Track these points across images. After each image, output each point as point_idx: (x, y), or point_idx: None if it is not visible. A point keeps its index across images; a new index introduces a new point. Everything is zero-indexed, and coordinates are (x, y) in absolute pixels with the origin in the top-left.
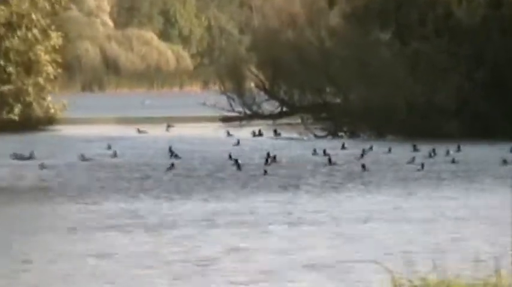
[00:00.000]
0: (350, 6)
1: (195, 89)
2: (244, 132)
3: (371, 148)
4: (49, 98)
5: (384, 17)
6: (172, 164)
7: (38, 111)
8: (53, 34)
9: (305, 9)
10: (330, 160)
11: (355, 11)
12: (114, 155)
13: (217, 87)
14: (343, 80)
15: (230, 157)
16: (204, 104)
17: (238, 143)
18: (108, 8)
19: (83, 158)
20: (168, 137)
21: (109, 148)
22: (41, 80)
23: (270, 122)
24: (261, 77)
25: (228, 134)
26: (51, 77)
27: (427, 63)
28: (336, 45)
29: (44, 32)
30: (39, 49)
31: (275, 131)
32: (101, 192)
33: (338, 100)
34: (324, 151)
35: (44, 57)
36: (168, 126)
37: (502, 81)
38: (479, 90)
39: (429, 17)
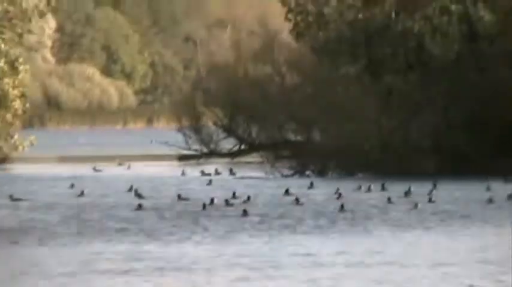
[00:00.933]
0: (318, 39)
1: (139, 126)
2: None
3: (369, 189)
4: (16, 136)
5: (354, 50)
6: (140, 205)
7: (5, 148)
8: (21, 67)
9: (265, 44)
10: (297, 200)
11: (324, 44)
12: (81, 194)
13: (161, 125)
14: (308, 117)
15: (212, 200)
16: (152, 142)
17: (210, 182)
18: (49, 43)
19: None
20: (127, 176)
21: (72, 186)
22: (9, 117)
23: (228, 160)
24: (219, 113)
25: (183, 173)
26: (19, 112)
27: (400, 99)
28: (301, 80)
29: (12, 65)
30: (7, 83)
31: (231, 170)
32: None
33: (299, 138)
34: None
35: (13, 91)
36: (119, 164)
37: (478, 118)
38: (455, 127)
39: (401, 50)
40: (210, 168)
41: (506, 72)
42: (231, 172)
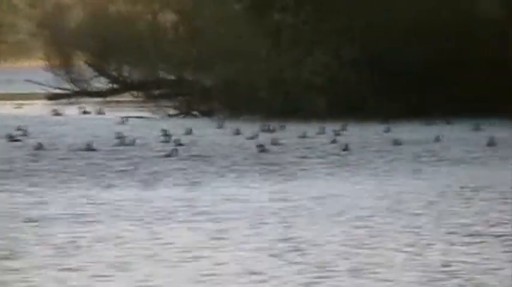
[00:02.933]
0: None
1: None
2: (72, 110)
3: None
4: None
5: None
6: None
7: None
8: None
9: None
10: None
11: None
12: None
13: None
14: (184, 56)
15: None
16: (29, 81)
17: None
18: None
19: None
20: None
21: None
22: None
23: (101, 99)
24: (90, 52)
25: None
26: None
27: (290, 37)
28: (177, 18)
29: None
30: None
31: (99, 109)
32: None
33: (173, 77)
34: None
35: None
36: None
37: (372, 58)
38: (348, 67)
39: None
40: (88, 107)
41: (400, 10)
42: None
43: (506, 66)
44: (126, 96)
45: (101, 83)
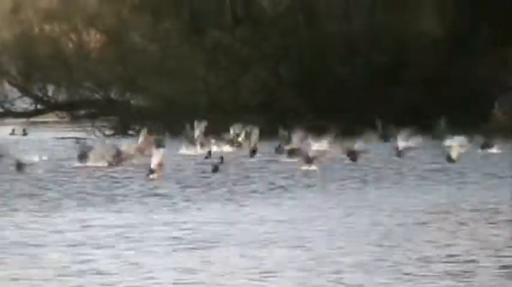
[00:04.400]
0: None
1: None
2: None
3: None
4: None
5: (176, 4)
6: None
7: None
8: None
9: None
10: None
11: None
12: None
13: None
14: (109, 76)
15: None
16: None
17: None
18: None
19: None
20: None
21: None
22: None
23: (24, 120)
24: (13, 72)
25: None
26: None
27: (228, 55)
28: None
29: None
30: None
31: (24, 130)
32: None
33: (98, 97)
34: None
35: None
36: None
37: (308, 76)
38: (285, 85)
39: (227, 4)
40: (17, 128)
41: (335, 26)
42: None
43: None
44: (51, 117)
45: (25, 104)
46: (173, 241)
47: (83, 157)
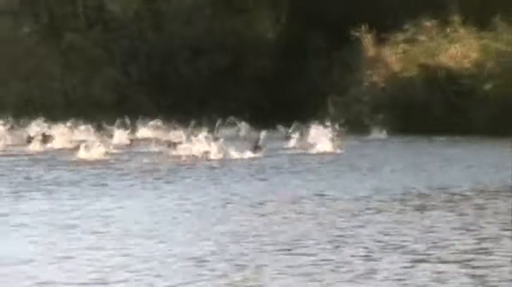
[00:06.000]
0: None
1: None
2: None
3: None
4: None
5: (35, 9)
6: None
7: None
8: None
9: None
10: None
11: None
12: None
13: None
14: None
15: None
16: None
17: None
18: None
19: None
20: None
21: None
22: None
23: None
24: None
25: None
26: None
27: (83, 57)
28: None
29: None
30: None
31: None
32: None
33: None
34: None
35: None
36: None
37: (157, 76)
38: (136, 84)
39: (81, 8)
40: None
41: (180, 30)
42: None
43: (275, 79)
44: None
45: None
46: None
47: None
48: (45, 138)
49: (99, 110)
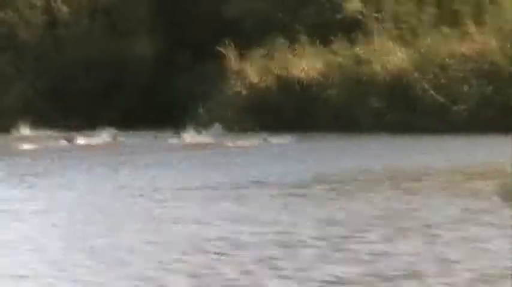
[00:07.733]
0: None
1: None
2: None
3: None
4: None
5: None
6: None
7: None
8: None
9: None
10: None
11: None
12: None
13: None
14: None
15: None
16: None
17: None
18: None
19: None
20: None
21: None
22: None
23: None
24: None
25: None
26: None
27: None
28: None
29: None
30: None
31: None
32: None
33: None
34: None
35: None
36: None
37: (60, 88)
38: (40, 95)
39: None
40: None
41: (77, 51)
42: None
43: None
44: None
45: None
46: None
47: None
48: None
49: (9, 119)
